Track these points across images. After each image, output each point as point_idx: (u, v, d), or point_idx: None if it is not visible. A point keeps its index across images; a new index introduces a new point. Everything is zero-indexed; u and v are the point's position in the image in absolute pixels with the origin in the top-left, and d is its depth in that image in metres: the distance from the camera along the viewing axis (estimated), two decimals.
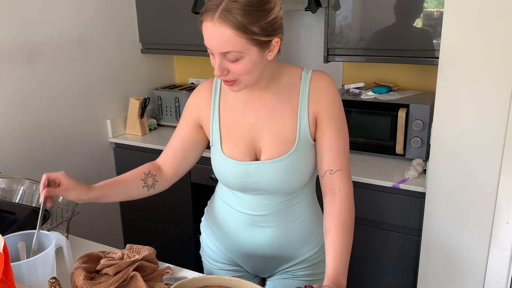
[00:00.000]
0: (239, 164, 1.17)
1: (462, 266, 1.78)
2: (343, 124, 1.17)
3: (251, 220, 1.23)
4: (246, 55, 1.03)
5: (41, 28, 2.11)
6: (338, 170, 1.14)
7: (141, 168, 1.28)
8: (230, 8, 0.98)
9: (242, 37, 1.00)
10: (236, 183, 1.20)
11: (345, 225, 1.10)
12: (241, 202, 1.23)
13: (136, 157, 2.55)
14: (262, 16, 1.00)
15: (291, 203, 1.22)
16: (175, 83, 3.00)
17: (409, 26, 1.98)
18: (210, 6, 1.01)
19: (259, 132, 1.17)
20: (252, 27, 1.00)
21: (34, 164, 2.16)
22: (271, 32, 1.03)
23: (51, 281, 1.01)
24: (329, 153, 1.14)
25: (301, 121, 1.15)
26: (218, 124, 1.21)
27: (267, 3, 1.01)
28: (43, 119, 2.18)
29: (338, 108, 1.16)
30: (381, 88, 2.21)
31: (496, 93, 1.56)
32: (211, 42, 1.03)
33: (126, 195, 1.25)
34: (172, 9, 2.49)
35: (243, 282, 1.04)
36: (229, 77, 1.07)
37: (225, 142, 1.20)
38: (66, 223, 1.48)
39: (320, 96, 1.15)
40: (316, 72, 1.18)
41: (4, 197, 1.51)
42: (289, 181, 1.17)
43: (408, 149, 2.06)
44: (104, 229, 2.62)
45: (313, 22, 2.47)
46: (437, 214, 1.78)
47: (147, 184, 1.26)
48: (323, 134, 1.15)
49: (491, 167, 1.63)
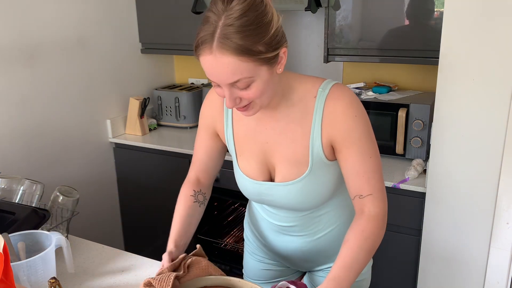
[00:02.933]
0: (253, 183, 1.14)
1: (462, 266, 1.78)
2: (368, 146, 1.04)
3: (279, 228, 1.23)
4: (257, 77, 0.94)
5: (41, 28, 2.11)
6: (368, 195, 1.05)
7: (185, 195, 1.24)
8: (227, 33, 0.89)
9: (248, 61, 0.90)
10: (253, 198, 1.19)
11: (365, 243, 1.02)
12: (267, 212, 1.23)
13: (136, 157, 2.55)
14: (264, 32, 0.91)
15: (316, 214, 1.17)
16: (175, 83, 3.00)
17: (409, 26, 1.98)
18: (204, 36, 0.91)
19: (271, 152, 1.11)
20: (256, 47, 0.90)
21: (34, 164, 2.16)
22: (276, 45, 0.94)
23: (51, 281, 1.01)
24: (356, 178, 1.05)
25: (314, 144, 1.06)
26: (232, 137, 1.16)
27: (264, 16, 0.92)
28: (43, 119, 2.18)
29: (360, 131, 1.03)
30: (381, 88, 2.21)
31: (496, 93, 1.56)
32: (216, 76, 0.94)
33: (195, 222, 1.22)
34: (172, 9, 2.49)
35: (243, 283, 1.03)
36: (243, 104, 0.99)
37: (240, 157, 1.16)
38: (66, 223, 1.48)
39: (335, 120, 1.03)
40: (335, 89, 1.05)
41: (4, 197, 1.51)
42: (305, 202, 1.12)
43: (408, 149, 2.06)
44: (104, 229, 2.62)
45: (313, 22, 2.47)
46: (437, 214, 1.78)
47: (200, 200, 1.24)
48: (345, 160, 1.05)
49: (491, 167, 1.63)
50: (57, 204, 1.49)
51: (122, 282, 1.26)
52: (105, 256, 1.39)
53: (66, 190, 1.53)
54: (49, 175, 2.21)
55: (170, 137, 2.60)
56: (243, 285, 1.03)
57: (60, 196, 1.50)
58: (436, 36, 1.89)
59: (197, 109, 2.72)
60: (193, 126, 2.72)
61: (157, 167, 2.51)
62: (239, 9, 0.90)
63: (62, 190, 1.52)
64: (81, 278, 1.28)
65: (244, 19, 0.89)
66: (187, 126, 2.72)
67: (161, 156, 2.46)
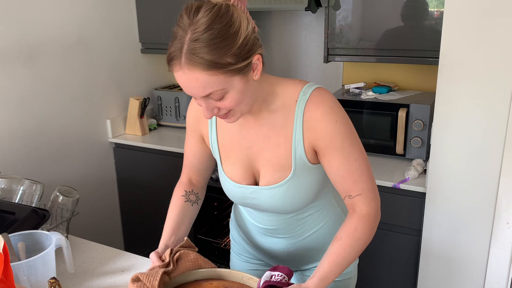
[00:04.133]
0: (237, 187, 1.14)
1: (462, 266, 1.78)
2: (352, 149, 1.04)
3: (264, 231, 1.23)
4: (230, 88, 0.93)
5: (41, 28, 2.11)
6: (357, 195, 1.05)
7: (176, 196, 1.25)
8: (194, 49, 0.88)
9: (218, 74, 0.90)
10: (239, 202, 1.19)
11: (358, 243, 1.02)
12: (252, 216, 1.24)
13: (136, 157, 2.55)
14: (231, 43, 0.90)
15: (301, 216, 1.18)
16: (175, 83, 3.00)
17: (409, 26, 1.98)
18: (173, 52, 0.91)
19: (255, 156, 1.11)
20: (224, 59, 0.89)
21: (34, 164, 2.16)
22: (246, 54, 0.92)
23: (51, 281, 1.01)
24: (343, 181, 1.05)
25: (296, 149, 1.06)
26: (217, 142, 1.16)
27: (230, 27, 0.90)
28: (43, 119, 2.18)
29: (342, 136, 1.03)
30: (381, 88, 2.21)
31: (496, 93, 1.56)
32: (189, 90, 0.94)
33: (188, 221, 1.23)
34: (172, 9, 2.49)
35: (234, 273, 1.06)
36: (222, 112, 0.99)
37: (224, 162, 1.16)
38: (66, 223, 1.48)
39: (315, 126, 1.03)
40: (315, 94, 1.04)
41: (3, 197, 1.51)
42: (289, 205, 1.12)
43: (408, 149, 2.06)
44: (104, 229, 2.62)
45: (313, 22, 2.47)
46: (437, 214, 1.78)
47: (191, 200, 1.25)
48: (329, 164, 1.05)
49: (491, 167, 1.63)
50: (57, 204, 1.49)
51: (122, 282, 1.26)
52: (105, 256, 1.39)
53: (66, 190, 1.53)
54: (49, 175, 2.21)
55: (170, 137, 2.60)
56: (233, 275, 1.05)
57: (60, 196, 1.50)
58: (436, 36, 1.89)
59: None
60: None
61: (157, 167, 2.51)
62: (203, 22, 0.89)
63: (62, 190, 1.52)
64: (81, 278, 1.28)
65: (209, 33, 0.89)
66: None
67: (161, 156, 2.46)
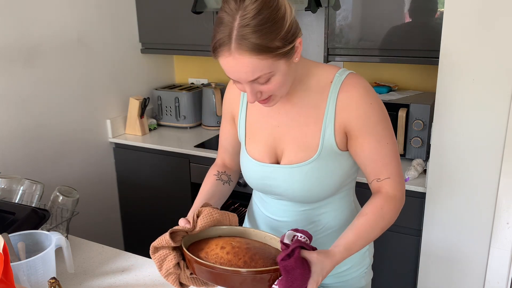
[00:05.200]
0: (258, 165, 1.15)
1: (462, 266, 1.78)
2: (385, 133, 1.06)
3: (275, 225, 1.22)
4: (276, 71, 0.96)
5: (41, 28, 2.11)
6: (386, 179, 1.07)
7: (208, 175, 1.28)
8: (244, 34, 0.90)
9: (267, 58, 0.92)
10: (256, 184, 1.19)
11: (382, 221, 1.03)
12: (266, 205, 1.23)
13: (136, 157, 2.55)
14: (279, 28, 0.92)
15: (316, 212, 1.16)
16: (175, 83, 3.00)
17: (409, 26, 1.98)
18: (222, 39, 0.92)
19: (281, 136, 1.12)
20: (273, 44, 0.92)
21: (34, 164, 2.16)
22: (292, 37, 0.95)
23: (51, 281, 1.01)
24: (373, 165, 1.07)
25: (326, 129, 1.06)
26: (245, 121, 1.18)
27: (278, 11, 0.92)
28: (43, 119, 2.18)
29: (376, 117, 1.05)
30: (381, 88, 2.21)
31: (496, 93, 1.56)
32: (237, 75, 0.96)
33: (219, 197, 1.24)
34: (172, 9, 2.49)
35: (258, 232, 1.05)
36: (264, 97, 1.01)
37: (248, 140, 1.17)
38: (66, 223, 1.48)
39: (350, 107, 1.04)
40: (351, 77, 1.07)
41: (3, 197, 1.51)
42: (307, 190, 1.10)
43: (408, 149, 2.06)
44: (104, 229, 2.62)
45: (313, 22, 2.47)
46: (437, 214, 1.78)
47: (223, 180, 1.27)
48: (361, 147, 1.06)
49: (491, 167, 1.63)
50: (57, 204, 1.49)
51: (122, 282, 1.26)
52: (105, 256, 1.39)
53: (66, 190, 1.53)
54: (49, 175, 2.21)
55: (170, 137, 2.60)
56: (257, 234, 1.05)
57: (60, 196, 1.50)
58: (436, 36, 1.89)
59: (197, 109, 2.72)
60: (193, 126, 2.72)
61: (157, 167, 2.51)
62: (253, 8, 0.90)
63: (62, 190, 1.52)
64: (81, 278, 1.28)
65: (259, 18, 0.90)
66: (187, 126, 2.72)
67: (161, 156, 2.46)
